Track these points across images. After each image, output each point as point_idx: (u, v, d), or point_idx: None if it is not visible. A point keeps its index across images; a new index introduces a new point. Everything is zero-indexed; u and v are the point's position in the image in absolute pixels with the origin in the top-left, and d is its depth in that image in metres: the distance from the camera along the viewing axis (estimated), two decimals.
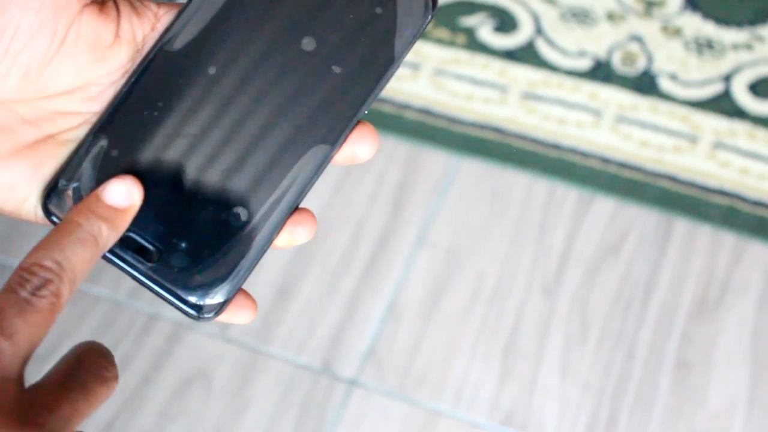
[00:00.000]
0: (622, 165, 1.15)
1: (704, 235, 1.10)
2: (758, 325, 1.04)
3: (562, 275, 1.08)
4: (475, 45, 1.26)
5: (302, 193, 0.39)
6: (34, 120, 0.38)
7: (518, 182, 1.15)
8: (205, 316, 0.39)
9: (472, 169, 1.16)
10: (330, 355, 1.04)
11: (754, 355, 1.02)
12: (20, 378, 0.33)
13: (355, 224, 1.12)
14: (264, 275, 1.08)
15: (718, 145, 1.16)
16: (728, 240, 1.10)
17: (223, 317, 0.39)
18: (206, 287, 0.38)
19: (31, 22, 0.36)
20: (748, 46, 1.24)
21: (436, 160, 1.17)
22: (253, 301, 0.40)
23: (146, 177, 0.38)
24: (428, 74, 1.23)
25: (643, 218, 1.11)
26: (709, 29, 1.26)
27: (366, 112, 0.39)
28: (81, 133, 0.39)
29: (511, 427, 0.99)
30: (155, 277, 0.38)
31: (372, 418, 1.00)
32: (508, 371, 1.03)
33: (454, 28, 1.27)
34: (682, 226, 1.11)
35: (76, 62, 0.38)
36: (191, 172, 0.39)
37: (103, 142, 0.38)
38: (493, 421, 1.00)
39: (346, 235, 1.12)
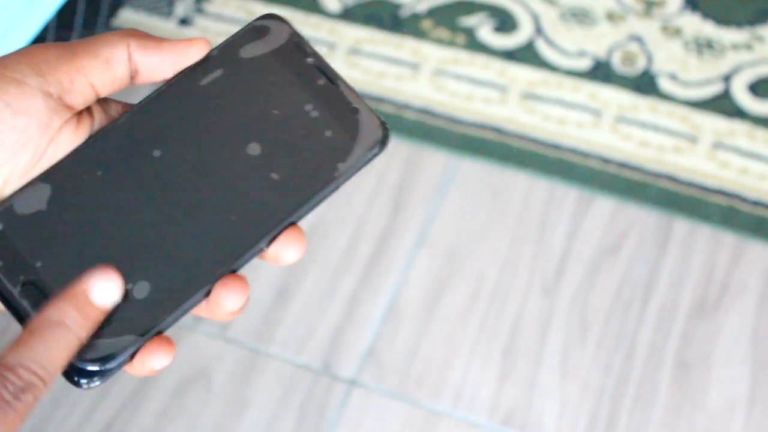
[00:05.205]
0: (622, 165, 1.15)
1: (704, 235, 1.10)
2: (758, 325, 1.04)
3: (562, 275, 1.08)
4: (474, 45, 1.25)
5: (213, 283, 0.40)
6: None
7: (518, 182, 1.15)
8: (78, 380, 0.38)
9: (472, 169, 1.16)
10: (330, 355, 1.04)
11: (754, 355, 1.02)
12: None
13: (355, 224, 1.12)
14: (264, 275, 1.08)
15: (718, 145, 1.16)
16: (728, 240, 1.10)
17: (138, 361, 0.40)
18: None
19: (15, 140, 0.38)
20: (748, 46, 1.24)
21: (436, 160, 1.17)
22: (171, 345, 0.41)
23: (69, 222, 0.39)
24: (428, 74, 1.23)
25: (642, 218, 1.11)
26: (708, 29, 1.26)
27: (298, 219, 0.41)
28: None
29: (510, 427, 0.99)
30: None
31: (372, 418, 1.00)
32: (508, 371, 1.03)
33: (454, 28, 1.27)
34: (681, 226, 1.11)
35: None
36: (114, 237, 0.39)
37: (43, 189, 0.39)
38: (493, 421, 1.00)
39: (346, 235, 1.12)
